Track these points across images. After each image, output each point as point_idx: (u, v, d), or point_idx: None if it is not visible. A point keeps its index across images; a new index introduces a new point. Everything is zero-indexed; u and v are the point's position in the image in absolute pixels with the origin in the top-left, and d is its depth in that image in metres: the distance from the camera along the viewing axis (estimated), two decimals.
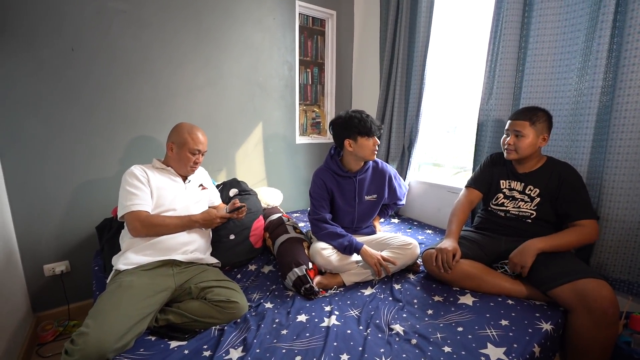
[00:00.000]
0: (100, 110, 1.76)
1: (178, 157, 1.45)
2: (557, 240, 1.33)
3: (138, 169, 1.39)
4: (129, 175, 1.36)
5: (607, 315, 1.12)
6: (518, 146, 1.42)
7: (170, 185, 1.45)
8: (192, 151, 1.44)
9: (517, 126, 1.42)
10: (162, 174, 1.45)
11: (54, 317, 1.79)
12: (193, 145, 1.44)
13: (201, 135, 1.48)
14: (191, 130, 1.46)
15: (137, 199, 1.33)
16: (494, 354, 1.03)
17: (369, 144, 1.53)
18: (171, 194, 1.43)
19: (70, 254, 1.81)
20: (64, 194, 1.74)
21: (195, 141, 1.45)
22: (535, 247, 1.32)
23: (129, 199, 1.32)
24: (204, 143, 1.49)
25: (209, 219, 1.46)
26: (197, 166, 1.50)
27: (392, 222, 2.31)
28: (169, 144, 1.47)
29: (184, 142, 1.43)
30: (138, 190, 1.34)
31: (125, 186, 1.35)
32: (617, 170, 1.37)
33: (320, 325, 1.19)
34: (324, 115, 2.77)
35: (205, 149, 1.50)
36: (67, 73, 1.66)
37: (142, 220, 1.31)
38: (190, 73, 2.01)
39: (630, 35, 1.29)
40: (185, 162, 1.45)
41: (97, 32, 1.70)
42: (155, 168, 1.46)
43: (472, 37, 2.04)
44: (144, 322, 1.11)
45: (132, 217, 1.31)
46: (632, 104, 1.31)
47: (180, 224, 1.39)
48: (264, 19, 2.25)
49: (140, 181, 1.36)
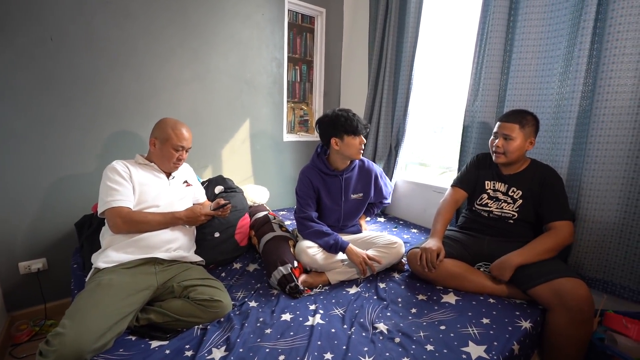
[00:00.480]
0: (81, 103, 1.71)
1: (161, 153, 1.41)
2: (535, 251, 1.33)
3: (120, 164, 1.36)
4: (110, 170, 1.32)
5: (583, 313, 1.16)
6: (507, 149, 1.43)
7: (153, 181, 1.41)
8: (175, 147, 1.41)
9: (507, 129, 1.43)
10: (145, 170, 1.42)
11: (29, 317, 1.73)
12: (176, 142, 1.40)
13: (185, 131, 1.44)
14: (175, 126, 1.42)
15: (118, 194, 1.29)
16: (475, 352, 1.05)
17: (355, 143, 1.54)
18: (154, 190, 1.39)
19: (48, 251, 1.75)
20: (41, 188, 1.68)
21: (179, 137, 1.41)
22: (514, 263, 1.32)
23: (109, 195, 1.28)
24: (188, 139, 1.45)
25: (193, 216, 1.43)
26: (180, 163, 1.47)
27: (378, 221, 2.33)
28: (151, 139, 1.43)
29: (167, 138, 1.39)
30: (119, 186, 1.30)
31: (105, 181, 1.31)
32: (595, 173, 1.41)
33: (304, 324, 1.18)
34: (312, 113, 2.76)
35: (189, 145, 1.46)
36: (46, 63, 1.60)
37: (124, 216, 1.27)
38: (176, 67, 1.97)
39: (609, 42, 1.33)
40: (169, 158, 1.42)
41: (79, 21, 1.64)
42: (138, 164, 1.42)
43: (459, 39, 2.07)
44: (124, 321, 1.08)
45: (113, 213, 1.27)
46: (610, 108, 1.36)
47: (163, 220, 1.36)
48: (252, 14, 2.22)
49: (122, 176, 1.32)
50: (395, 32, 2.22)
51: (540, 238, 1.38)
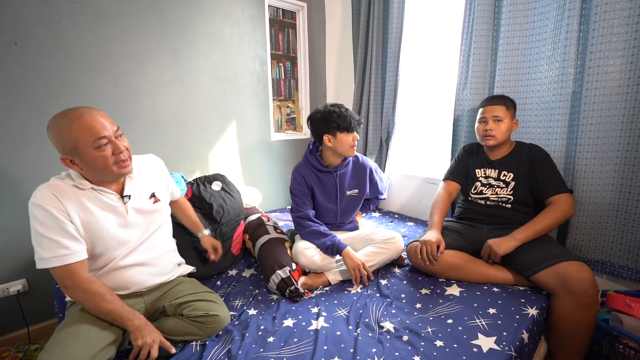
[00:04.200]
0: (52, 109, 1.53)
1: (87, 165, 0.96)
2: (536, 227, 1.34)
3: (48, 194, 0.94)
4: (37, 209, 0.92)
5: (587, 297, 1.15)
6: (498, 131, 1.44)
7: (106, 218, 1.02)
8: (96, 145, 0.94)
9: (496, 111, 1.44)
10: (90, 199, 1.00)
11: (11, 342, 1.62)
12: (91, 137, 0.94)
13: (90, 116, 0.95)
14: (72, 121, 0.94)
15: (59, 247, 0.93)
16: (486, 344, 1.02)
17: (349, 140, 1.49)
18: (110, 230, 1.02)
19: (28, 271, 1.64)
20: (16, 204, 1.56)
21: (90, 130, 0.93)
22: (513, 243, 1.32)
23: (47, 247, 0.92)
24: (104, 124, 0.97)
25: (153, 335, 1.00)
26: (123, 156, 1.00)
27: (372, 216, 2.29)
28: (62, 158, 0.97)
29: (76, 144, 0.93)
30: (57, 234, 0.93)
31: (35, 226, 0.93)
32: (588, 155, 1.41)
33: (308, 329, 1.13)
34: (299, 110, 2.70)
35: (114, 127, 1.00)
36: (11, 69, 1.48)
37: (79, 281, 0.95)
38: (155, 69, 1.88)
39: (596, 23, 1.33)
40: (102, 163, 0.97)
41: (45, 24, 1.53)
42: (75, 187, 0.98)
43: (446, 27, 2.05)
44: (111, 347, 0.99)
45: (61, 273, 0.95)
46: (600, 89, 1.36)
47: (120, 313, 0.98)
48: (232, 11, 2.14)
49: (56, 217, 0.93)
50: (380, 24, 2.19)
51: (540, 215, 1.37)
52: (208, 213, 1.61)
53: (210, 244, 1.42)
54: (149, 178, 1.18)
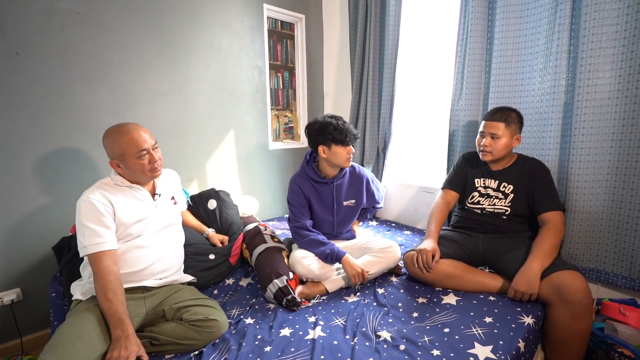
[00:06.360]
0: (52, 118, 1.60)
1: (129, 170, 1.21)
2: (546, 252, 1.29)
3: (97, 194, 1.15)
4: (85, 204, 1.13)
5: (582, 306, 1.16)
6: (494, 148, 1.44)
7: (136, 206, 1.23)
8: (138, 155, 1.18)
9: (493, 128, 1.43)
10: (125, 194, 1.22)
11: (4, 353, 1.60)
12: (134, 149, 1.17)
13: (136, 131, 1.20)
14: (121, 134, 1.18)
15: (98, 237, 1.11)
16: (482, 353, 1.03)
17: (343, 152, 1.50)
18: (136, 216, 1.22)
19: (22, 280, 1.63)
20: (11, 211, 1.56)
21: (133, 143, 1.17)
22: (536, 271, 1.25)
23: (87, 237, 1.10)
24: (146, 138, 1.21)
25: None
26: (157, 164, 1.23)
27: (369, 225, 2.30)
28: (111, 162, 1.21)
29: (123, 152, 1.17)
30: (98, 225, 1.12)
31: (80, 219, 1.12)
32: (581, 165, 1.44)
33: (305, 339, 1.13)
34: (297, 120, 2.73)
35: (152, 142, 1.23)
36: (13, 78, 1.49)
37: (99, 269, 1.08)
38: (154, 78, 1.90)
39: (585, 37, 1.37)
40: (141, 170, 1.20)
41: (47, 34, 1.55)
42: (116, 186, 1.23)
43: (441, 39, 2.09)
44: None
45: (93, 259, 1.10)
46: (591, 101, 1.39)
47: (109, 316, 1.04)
48: (231, 22, 2.18)
49: (101, 213, 1.13)
50: (377, 35, 2.23)
51: (541, 237, 1.35)
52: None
53: (218, 238, 1.67)
54: (171, 185, 1.43)
